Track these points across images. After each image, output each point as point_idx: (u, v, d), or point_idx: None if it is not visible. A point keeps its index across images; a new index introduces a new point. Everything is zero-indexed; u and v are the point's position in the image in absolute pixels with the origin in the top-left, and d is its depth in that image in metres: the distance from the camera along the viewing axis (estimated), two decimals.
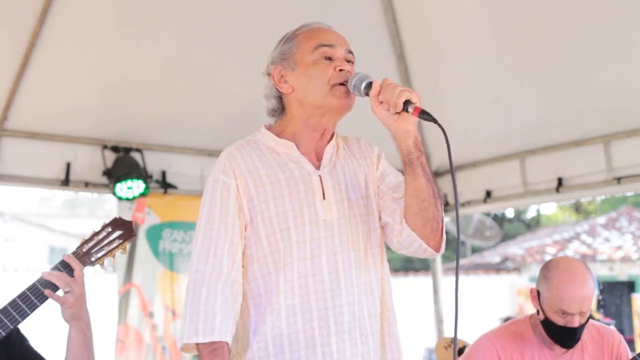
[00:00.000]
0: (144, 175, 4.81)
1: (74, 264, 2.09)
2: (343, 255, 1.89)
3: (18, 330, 2.16)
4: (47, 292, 2.05)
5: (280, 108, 2.00)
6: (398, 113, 1.80)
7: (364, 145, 2.08)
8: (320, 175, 1.94)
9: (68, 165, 4.68)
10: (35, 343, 2.23)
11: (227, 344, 1.81)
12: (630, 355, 2.72)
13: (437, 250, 1.93)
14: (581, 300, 2.53)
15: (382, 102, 1.81)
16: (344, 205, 1.93)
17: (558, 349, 2.66)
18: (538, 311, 2.67)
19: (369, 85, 1.84)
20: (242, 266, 1.90)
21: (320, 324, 1.85)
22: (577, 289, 2.53)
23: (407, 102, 1.78)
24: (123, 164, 4.75)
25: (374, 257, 1.96)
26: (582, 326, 2.58)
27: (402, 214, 1.91)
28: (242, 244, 1.90)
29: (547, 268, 2.66)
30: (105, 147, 4.80)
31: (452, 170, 1.86)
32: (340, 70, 1.91)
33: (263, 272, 1.88)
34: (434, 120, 1.76)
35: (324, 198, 1.91)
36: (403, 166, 1.87)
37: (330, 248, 1.88)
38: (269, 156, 1.95)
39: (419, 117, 1.78)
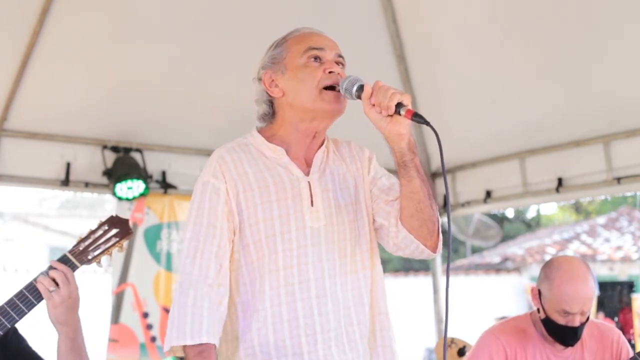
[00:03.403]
0: (144, 176, 4.81)
1: (62, 267, 2.06)
2: (329, 263, 1.88)
3: (16, 330, 2.14)
4: (38, 285, 2.03)
5: (271, 113, 1.98)
6: (390, 116, 1.76)
7: (355, 149, 2.06)
8: (309, 182, 1.92)
9: (68, 166, 4.68)
10: (37, 344, 2.22)
11: (215, 346, 1.81)
12: (631, 350, 2.74)
13: (434, 250, 1.92)
14: (583, 300, 2.55)
15: (374, 105, 1.78)
16: (331, 212, 1.91)
17: (558, 345, 2.68)
18: (539, 309, 2.69)
19: (361, 88, 1.81)
20: (231, 270, 1.90)
21: (307, 332, 1.84)
22: (579, 289, 2.55)
23: (399, 105, 1.75)
24: (123, 164, 4.75)
25: (363, 262, 1.95)
26: (582, 325, 2.60)
27: (397, 217, 1.90)
28: (230, 248, 1.89)
29: (548, 267, 2.67)
30: (105, 147, 4.80)
31: (444, 173, 1.85)
32: (330, 72, 1.89)
33: (251, 278, 1.88)
34: (427, 123, 1.74)
35: (312, 205, 1.90)
36: (397, 168, 1.85)
37: (316, 255, 1.87)
38: (259, 160, 1.93)
39: (412, 119, 1.75)
